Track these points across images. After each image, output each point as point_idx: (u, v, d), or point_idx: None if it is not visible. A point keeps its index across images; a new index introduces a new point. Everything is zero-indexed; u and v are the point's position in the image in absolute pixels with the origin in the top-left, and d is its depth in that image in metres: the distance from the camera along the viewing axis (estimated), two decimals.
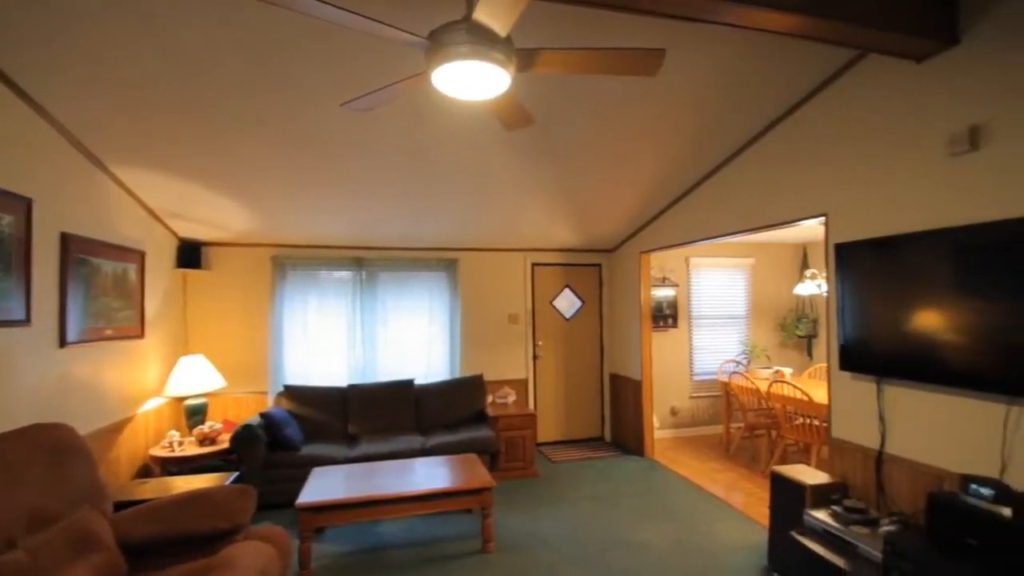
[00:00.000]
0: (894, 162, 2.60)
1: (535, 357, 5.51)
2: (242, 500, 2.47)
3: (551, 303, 5.61)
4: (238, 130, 2.97)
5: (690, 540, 3.40)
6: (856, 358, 2.73)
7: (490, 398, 5.00)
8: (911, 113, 2.52)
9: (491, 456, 4.41)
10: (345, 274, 4.94)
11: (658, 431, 5.76)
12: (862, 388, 2.77)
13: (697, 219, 4.18)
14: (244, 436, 3.73)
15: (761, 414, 4.99)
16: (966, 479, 2.19)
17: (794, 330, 5.99)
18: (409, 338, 5.07)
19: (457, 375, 5.07)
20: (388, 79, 2.32)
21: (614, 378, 5.69)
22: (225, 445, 3.88)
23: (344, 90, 2.55)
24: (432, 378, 5.00)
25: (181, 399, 4.11)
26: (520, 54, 1.78)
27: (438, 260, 5.15)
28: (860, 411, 2.78)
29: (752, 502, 3.98)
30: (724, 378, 5.32)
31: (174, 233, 4.32)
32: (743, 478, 4.54)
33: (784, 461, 4.63)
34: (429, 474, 3.41)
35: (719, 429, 5.84)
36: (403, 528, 3.61)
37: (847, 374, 2.84)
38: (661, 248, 4.75)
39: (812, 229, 3.57)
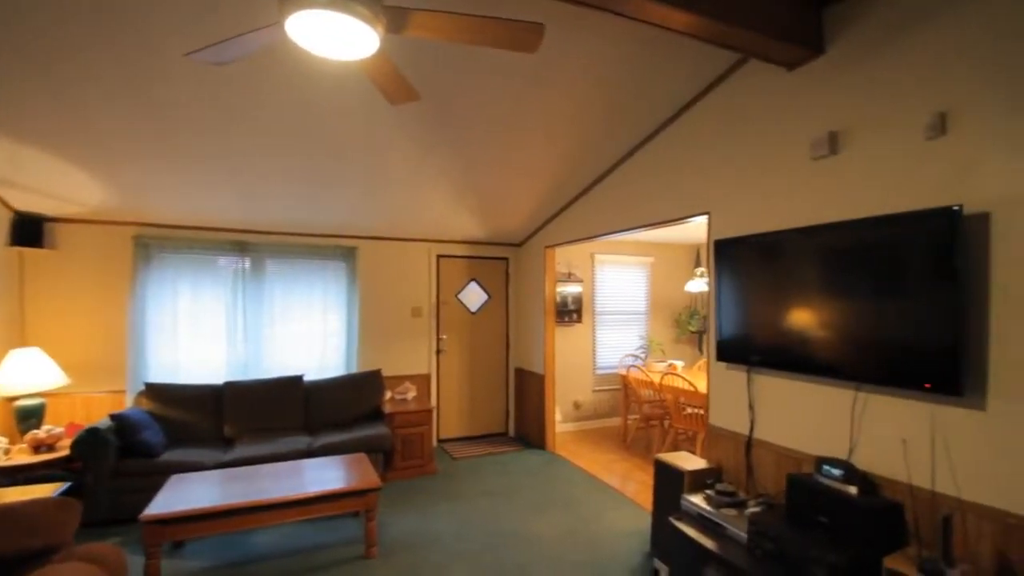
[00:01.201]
0: (767, 164, 2.75)
1: (439, 352, 5.35)
2: (61, 514, 2.10)
3: (457, 296, 5.48)
4: (87, 88, 2.54)
5: (581, 530, 3.42)
6: (730, 349, 2.86)
7: (389, 394, 4.78)
8: (782, 118, 2.67)
9: (385, 455, 4.20)
10: (226, 260, 4.47)
11: (561, 425, 5.83)
12: (736, 378, 2.91)
13: (597, 215, 4.24)
14: (87, 441, 3.24)
15: (656, 405, 5.19)
16: (820, 461, 2.35)
17: (687, 326, 6.33)
18: (301, 332, 4.70)
19: (354, 371, 4.79)
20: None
21: (519, 373, 5.67)
22: (66, 452, 3.35)
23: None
24: (326, 374, 4.68)
25: (11, 399, 3.50)
26: (389, 13, 1.62)
27: (335, 248, 4.82)
28: (734, 400, 2.92)
29: (643, 490, 4.10)
30: (623, 372, 5.48)
31: (6, 204, 3.66)
32: (637, 467, 4.69)
33: (675, 449, 4.84)
34: (310, 477, 3.15)
35: (619, 421, 6.02)
36: (280, 537, 3.31)
37: (723, 365, 2.97)
38: (565, 243, 4.79)
39: (705, 230, 3.73)
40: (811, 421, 2.51)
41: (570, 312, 5.82)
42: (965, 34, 1.97)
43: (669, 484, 3.02)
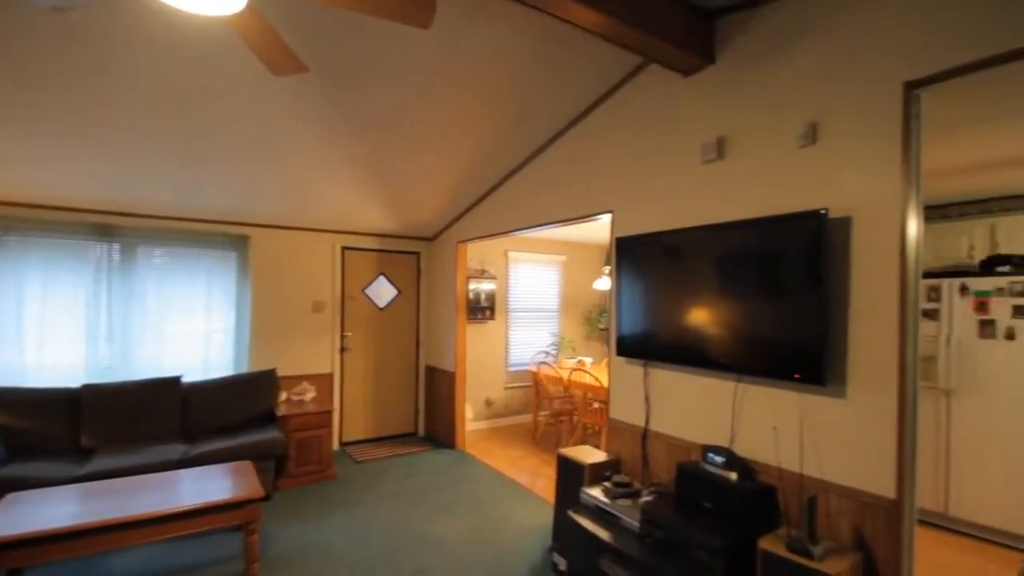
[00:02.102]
0: (664, 165, 2.84)
1: (343, 349, 5.06)
2: None
3: (364, 291, 5.21)
4: None
5: (485, 529, 3.36)
6: (629, 345, 2.93)
7: (284, 396, 4.43)
8: (678, 122, 2.77)
9: (278, 461, 3.88)
10: (87, 246, 3.90)
11: (472, 423, 5.76)
12: (634, 373, 2.99)
13: (509, 211, 4.21)
14: None
15: (565, 401, 5.28)
16: (706, 449, 2.46)
17: (597, 324, 6.51)
18: (181, 329, 4.23)
19: (245, 371, 4.39)
20: None
21: (430, 371, 5.53)
22: None
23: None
24: (211, 375, 4.25)
25: None
26: None
27: (223, 236, 4.39)
28: (632, 394, 3.00)
29: (551, 485, 4.12)
30: (534, 369, 5.51)
31: None
32: (546, 463, 4.73)
33: (583, 443, 4.94)
34: (182, 490, 2.81)
35: (531, 418, 6.06)
36: (148, 558, 2.93)
37: (623, 360, 3.04)
38: (477, 238, 4.71)
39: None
40: (699, 412, 2.63)
41: (483, 309, 5.76)
42: (828, 52, 2.14)
43: (571, 478, 3.04)
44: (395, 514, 3.56)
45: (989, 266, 3.40)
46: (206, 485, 2.88)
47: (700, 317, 2.53)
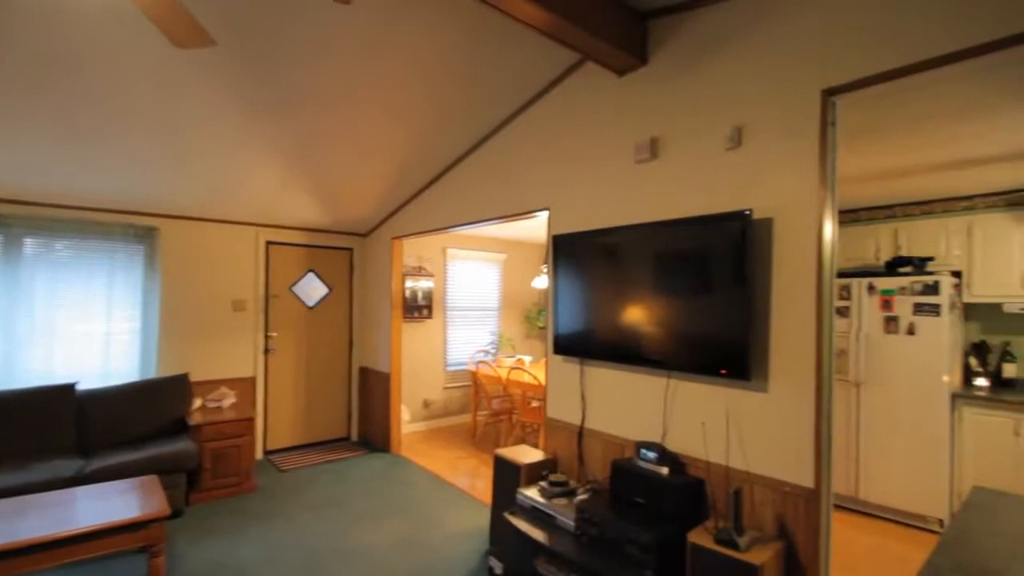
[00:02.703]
0: (600, 164, 2.85)
1: (267, 351, 4.75)
2: None
3: (291, 289, 4.91)
4: None
5: (419, 535, 3.24)
6: (565, 343, 2.91)
7: (198, 403, 4.09)
8: (613, 121, 2.79)
9: (190, 474, 3.57)
10: None
11: (409, 425, 5.59)
12: (570, 370, 2.98)
13: (446, 206, 4.10)
14: None
15: (504, 400, 5.24)
16: (639, 445, 2.48)
17: (536, 322, 6.53)
18: (78, 331, 3.79)
19: (153, 376, 4.00)
20: None
21: (364, 372, 5.30)
22: None
23: None
24: (114, 381, 3.84)
25: None
26: None
27: (127, 228, 3.98)
28: (569, 392, 2.99)
29: (489, 486, 4.06)
30: (473, 368, 5.43)
31: None
32: (485, 463, 4.66)
33: (522, 442, 4.91)
34: (76, 511, 2.49)
35: (470, 418, 5.97)
36: None
37: (560, 358, 3.03)
38: (413, 234, 4.56)
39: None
40: (633, 409, 2.65)
41: (420, 308, 5.60)
42: (752, 57, 2.20)
43: (507, 479, 2.99)
44: (319, 525, 3.36)
45: (893, 267, 3.69)
46: (104, 504, 2.57)
47: (634, 315, 2.55)
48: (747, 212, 2.11)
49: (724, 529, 2.02)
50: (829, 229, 2.03)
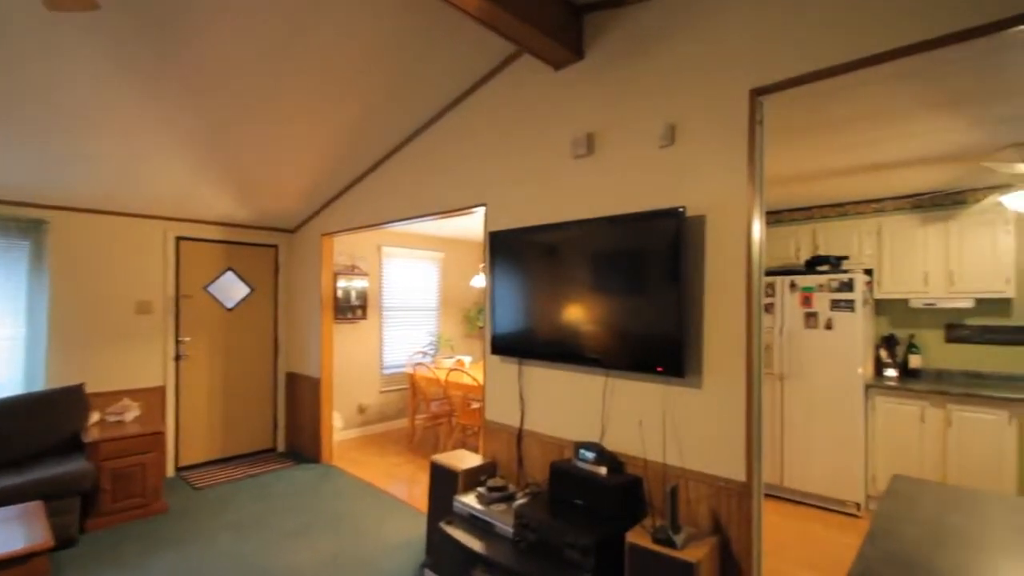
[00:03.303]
0: (537, 159, 2.78)
1: (179, 357, 4.33)
2: None
3: (206, 289, 4.51)
4: None
5: (349, 552, 3.04)
6: (503, 343, 2.83)
7: (96, 417, 3.65)
8: (550, 115, 2.73)
9: (86, 497, 3.17)
10: None
11: (343, 432, 5.32)
12: (509, 371, 2.89)
13: (379, 201, 3.90)
14: None
15: (443, 403, 5.09)
16: (577, 446, 2.43)
17: (476, 322, 6.42)
18: None
19: (41, 388, 3.53)
20: None
21: (291, 378, 4.98)
22: None
23: None
24: None
25: None
26: None
27: (8, 221, 3.48)
28: (507, 393, 2.91)
29: (428, 492, 3.91)
30: (411, 370, 5.24)
31: None
32: (423, 469, 4.49)
33: (462, 446, 4.80)
34: None
35: (407, 422, 5.77)
36: None
37: (498, 358, 2.94)
38: (345, 231, 4.32)
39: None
40: (572, 408, 2.60)
41: (354, 308, 5.34)
42: (685, 55, 2.21)
43: (444, 486, 2.87)
44: (240, 546, 3.09)
45: (812, 266, 3.89)
46: None
47: (572, 313, 2.50)
48: (681, 210, 2.11)
49: (661, 528, 2.00)
50: (758, 227, 2.07)
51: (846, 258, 3.90)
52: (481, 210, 3.09)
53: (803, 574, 2.82)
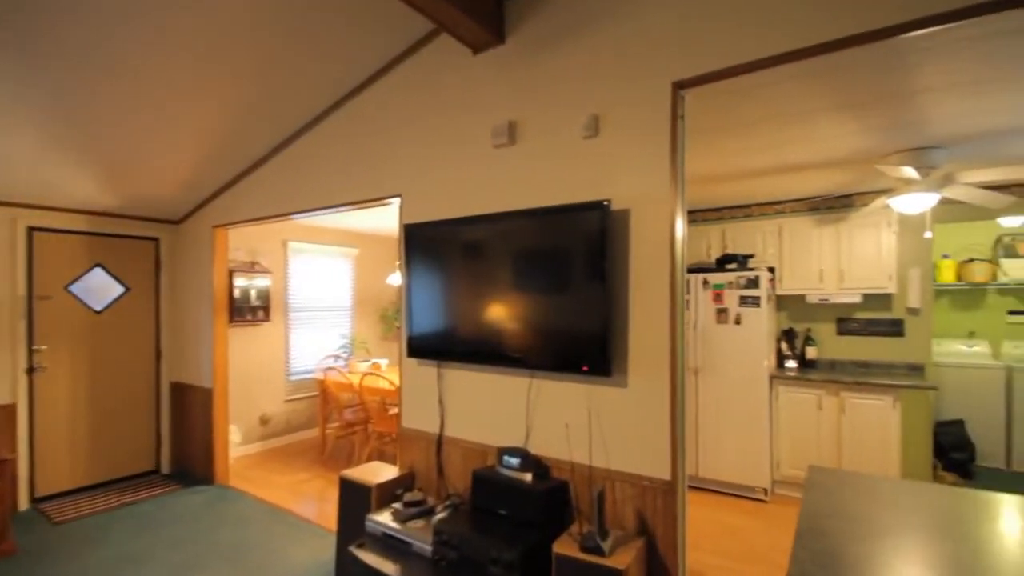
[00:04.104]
0: (456, 147, 2.61)
1: (32, 370, 3.65)
2: None
3: (67, 288, 3.85)
4: None
5: None
6: (421, 343, 2.62)
7: None
8: (468, 102, 2.57)
9: None
10: None
11: (242, 447, 4.80)
12: (427, 374, 2.70)
13: (282, 190, 3.52)
14: None
15: (358, 410, 4.75)
16: (501, 451, 2.29)
17: (394, 322, 6.11)
18: None
19: None
20: None
21: (178, 388, 4.40)
22: None
23: None
24: None
25: None
26: None
27: None
28: (425, 398, 2.71)
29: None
30: (321, 376, 4.84)
31: None
32: (336, 483, 4.14)
33: (380, 455, 4.50)
34: None
35: (318, 432, 5.34)
36: None
37: (415, 361, 2.73)
38: (241, 223, 3.86)
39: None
40: (495, 412, 2.46)
41: (255, 309, 4.84)
42: (608, 45, 2.14)
43: (356, 504, 2.61)
44: None
45: (722, 264, 4.05)
46: None
47: (494, 312, 2.35)
48: (606, 203, 2.04)
49: (589, 535, 1.91)
50: (681, 223, 2.04)
51: (752, 256, 4.10)
52: (396, 202, 2.85)
53: (719, 563, 2.89)
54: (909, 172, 2.62)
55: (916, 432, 3.55)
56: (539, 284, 2.23)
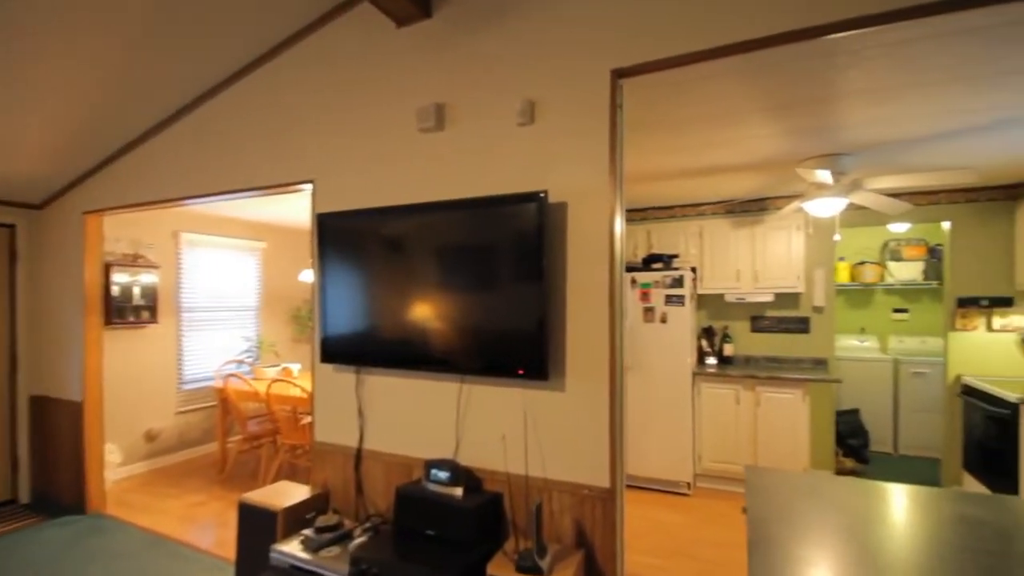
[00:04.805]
0: (377, 129, 2.36)
1: None
2: None
3: None
4: None
5: None
6: (337, 347, 2.35)
7: None
8: (391, 79, 2.34)
9: None
10: None
11: (122, 468, 4.17)
12: (344, 381, 2.42)
13: (169, 172, 3.04)
14: None
15: (265, 420, 4.30)
16: (428, 465, 2.09)
17: (307, 322, 5.64)
18: None
19: None
20: None
21: (39, 403, 3.71)
22: None
23: None
24: None
25: None
26: None
27: None
28: (343, 407, 2.43)
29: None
30: (221, 384, 4.32)
31: None
32: (235, 505, 3.68)
33: (291, 471, 4.09)
34: None
35: (216, 447, 4.78)
36: None
37: (330, 367, 2.44)
38: (118, 209, 3.31)
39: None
40: (422, 421, 2.25)
41: (138, 309, 4.21)
42: (545, 26, 2.01)
43: (259, 532, 2.28)
44: None
45: (648, 263, 4.10)
46: None
47: (421, 311, 2.14)
48: (542, 194, 1.91)
49: (526, 553, 1.77)
50: (619, 218, 1.95)
51: (677, 256, 4.19)
52: (308, 188, 2.55)
53: (650, 561, 2.87)
54: (825, 176, 2.74)
55: (822, 422, 3.80)
56: (470, 281, 2.05)
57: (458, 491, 2.00)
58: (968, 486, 3.49)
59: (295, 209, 4.42)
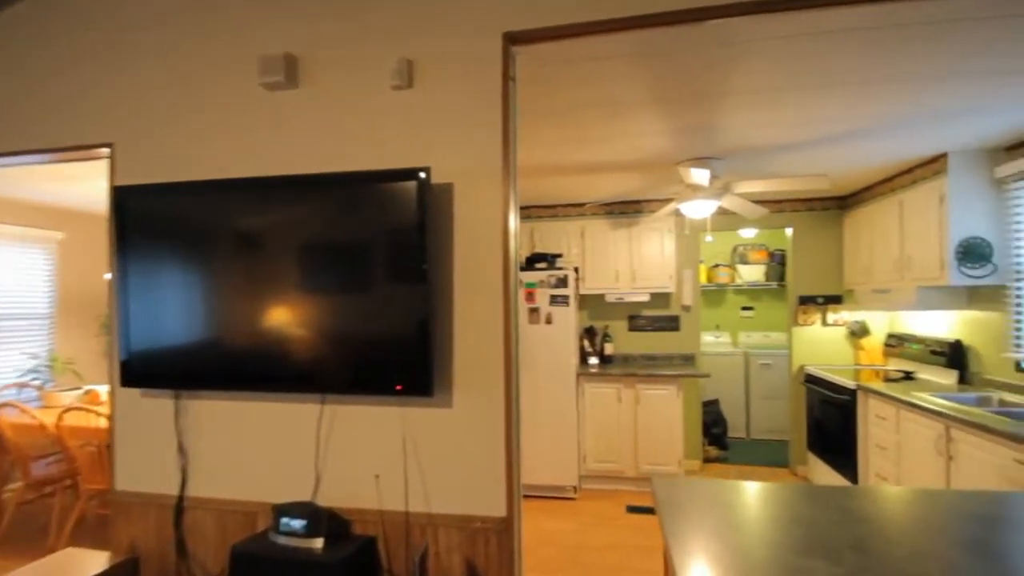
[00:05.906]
0: (205, 78, 1.85)
1: None
2: None
3: None
4: None
5: None
6: (147, 366, 1.77)
7: None
8: (223, 18, 1.83)
9: None
10: None
11: None
12: (158, 411, 1.84)
13: None
14: None
15: (57, 461, 3.32)
16: (278, 512, 1.64)
17: None
18: None
19: None
20: None
21: None
22: None
23: None
24: None
25: None
26: None
27: None
28: (156, 445, 1.85)
29: None
30: None
31: None
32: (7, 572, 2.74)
33: (100, 526, 3.19)
34: None
35: None
36: None
37: (136, 391, 1.84)
38: None
39: None
40: (269, 455, 1.78)
41: None
42: None
43: None
44: None
45: (532, 263, 3.95)
46: None
47: (267, 315, 1.68)
48: (423, 172, 1.58)
49: None
50: (513, 206, 1.71)
51: (561, 256, 4.10)
52: (105, 154, 1.91)
53: None
54: (702, 177, 2.79)
55: (692, 413, 3.96)
56: (334, 277, 1.65)
57: (318, 542, 1.59)
58: (812, 465, 3.87)
59: (105, 190, 3.49)
